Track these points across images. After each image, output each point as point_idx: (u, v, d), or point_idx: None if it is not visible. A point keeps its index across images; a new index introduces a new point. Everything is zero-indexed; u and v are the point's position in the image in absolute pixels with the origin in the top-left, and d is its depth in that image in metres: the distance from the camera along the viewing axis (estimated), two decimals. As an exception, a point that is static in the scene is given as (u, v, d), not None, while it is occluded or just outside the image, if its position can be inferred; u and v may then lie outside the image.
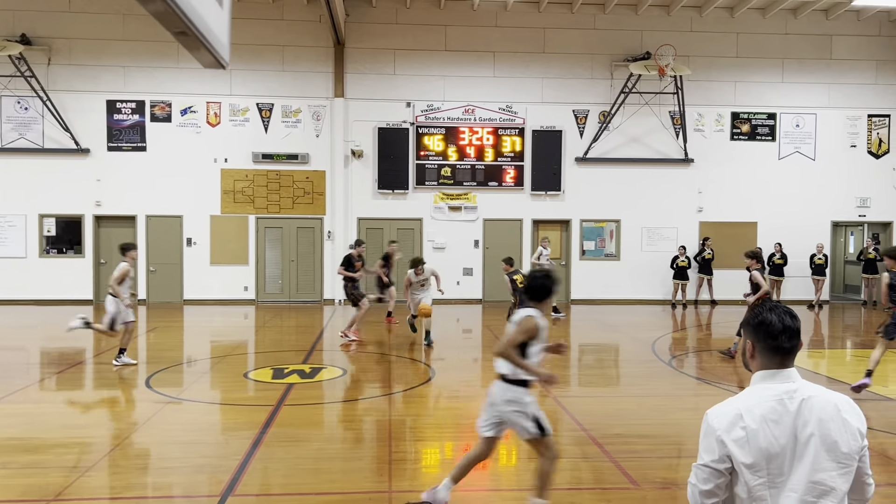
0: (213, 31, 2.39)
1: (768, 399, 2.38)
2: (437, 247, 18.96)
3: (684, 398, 9.23)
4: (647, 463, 6.34)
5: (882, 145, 19.74)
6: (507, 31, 18.87)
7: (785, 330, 2.42)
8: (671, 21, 19.01)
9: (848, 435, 2.34)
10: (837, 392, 2.45)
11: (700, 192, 19.33)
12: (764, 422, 2.34)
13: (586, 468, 6.27)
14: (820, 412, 2.35)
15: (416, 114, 18.77)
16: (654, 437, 7.20)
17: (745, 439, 2.34)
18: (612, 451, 6.62)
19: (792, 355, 2.44)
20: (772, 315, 2.45)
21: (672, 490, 5.73)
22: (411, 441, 7.15)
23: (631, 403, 8.81)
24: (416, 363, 11.04)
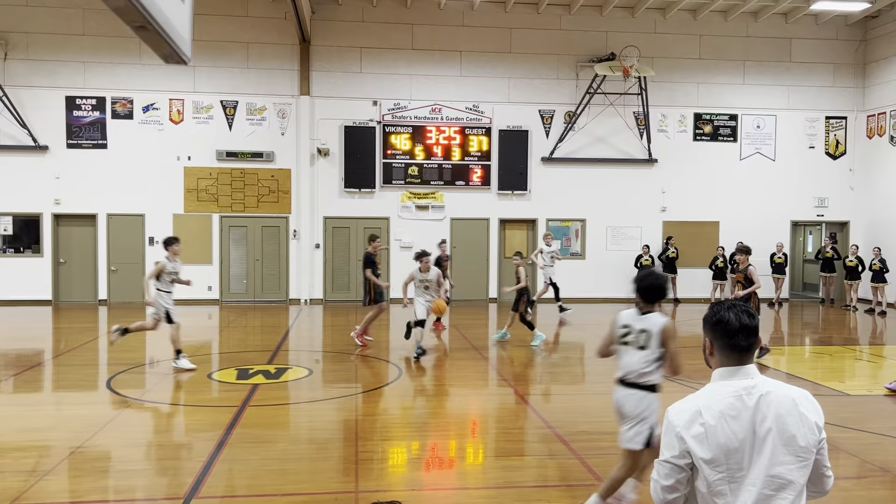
0: (173, 27, 2.36)
1: (727, 396, 2.42)
2: (404, 246, 18.93)
3: (648, 395, 9.35)
4: (611, 460, 6.40)
5: (839, 147, 20.22)
6: (473, 30, 18.91)
7: (742, 328, 2.46)
8: (635, 23, 19.23)
9: (805, 428, 2.38)
10: (796, 387, 2.49)
11: (664, 192, 19.59)
12: (722, 418, 2.38)
13: (553, 466, 6.32)
14: (778, 407, 2.39)
15: (382, 112, 18.71)
16: (618, 433, 7.28)
17: (704, 435, 2.38)
18: (577, 449, 6.69)
19: (750, 353, 2.48)
20: (729, 314, 2.49)
21: (636, 486, 5.80)
22: (378, 441, 7.13)
23: (596, 401, 8.90)
24: (382, 363, 11.02)
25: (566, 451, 6.65)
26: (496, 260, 19.33)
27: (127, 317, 16.10)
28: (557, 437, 7.10)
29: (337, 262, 18.94)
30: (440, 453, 6.80)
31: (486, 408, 8.63)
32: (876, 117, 19.61)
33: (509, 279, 19.53)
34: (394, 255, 18.96)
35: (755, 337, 2.49)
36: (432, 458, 6.68)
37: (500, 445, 7.10)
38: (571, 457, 6.47)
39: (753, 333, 2.48)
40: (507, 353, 11.90)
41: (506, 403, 8.65)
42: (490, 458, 6.68)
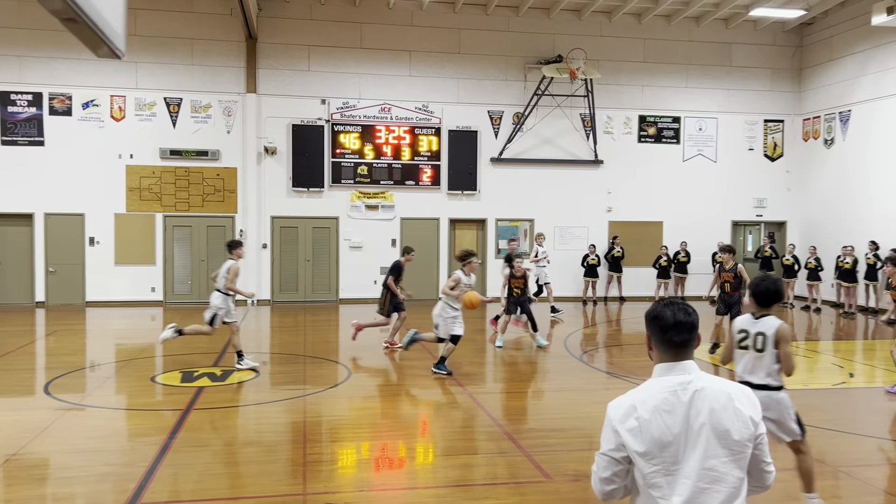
0: (105, 19, 2.28)
1: (662, 391, 2.47)
2: (353, 246, 18.82)
3: (595, 392, 9.50)
4: (559, 456, 6.50)
5: (777, 149, 20.89)
6: (423, 30, 18.92)
7: (676, 325, 2.51)
8: (582, 25, 19.52)
9: (740, 423, 2.42)
10: (734, 383, 2.54)
11: (609, 193, 19.93)
12: (657, 412, 2.44)
13: (502, 463, 6.37)
14: (712, 402, 2.43)
15: (331, 111, 18.56)
16: (566, 430, 7.39)
17: (638, 429, 2.44)
18: (525, 446, 6.75)
19: (685, 349, 2.52)
20: (666, 310, 2.54)
21: (583, 482, 5.89)
22: (327, 442, 7.08)
23: (544, 398, 9.02)
24: (331, 364, 10.93)
25: (514, 448, 6.71)
26: (446, 260, 19.37)
27: (66, 320, 15.60)
28: (506, 435, 7.15)
29: (285, 262, 18.70)
30: (390, 454, 6.78)
31: (435, 407, 8.65)
32: (811, 121, 20.33)
33: (459, 279, 19.61)
34: (343, 255, 18.83)
35: (690, 333, 2.52)
36: (382, 458, 6.67)
37: (450, 444, 7.12)
38: (520, 454, 6.54)
39: (688, 330, 2.51)
40: (458, 353, 11.93)
41: (456, 403, 8.68)
42: (440, 458, 6.70)
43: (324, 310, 17.61)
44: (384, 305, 12.13)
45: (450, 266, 19.42)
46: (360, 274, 18.78)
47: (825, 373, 10.69)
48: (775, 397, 5.02)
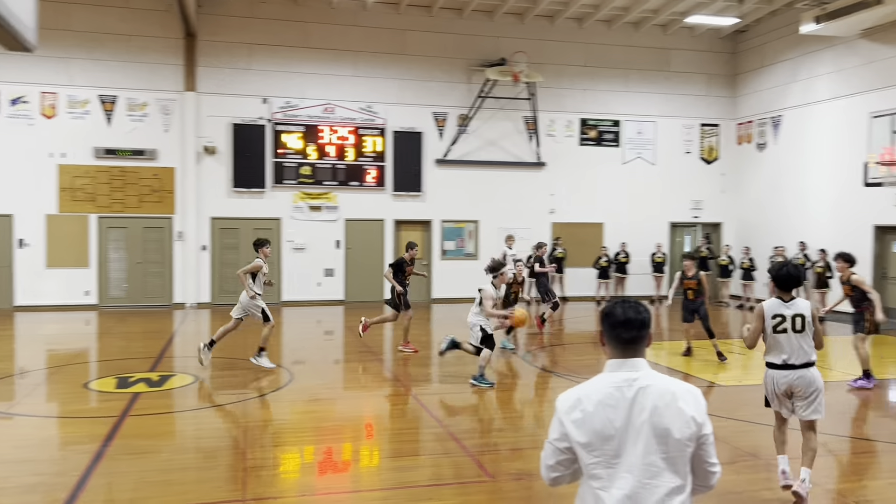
0: (11, 11, 2.20)
1: (608, 386, 2.53)
2: (296, 247, 18.58)
3: (537, 391, 9.61)
4: (502, 455, 6.54)
5: (712, 152, 21.51)
6: (367, 30, 18.82)
7: (625, 322, 2.56)
8: (525, 29, 19.73)
9: (681, 422, 2.47)
10: (683, 382, 2.58)
11: (552, 195, 20.19)
12: (600, 406, 2.50)
13: (446, 464, 6.37)
14: (656, 400, 2.49)
15: (273, 110, 18.29)
16: (510, 429, 7.45)
17: (582, 421, 2.51)
18: (469, 446, 6.77)
19: (634, 346, 2.57)
20: (617, 308, 2.60)
21: (526, 481, 5.94)
22: (269, 447, 6.97)
23: (489, 398, 9.05)
24: (273, 367, 10.75)
25: (458, 448, 6.72)
26: (391, 261, 19.26)
27: (-8, 325, 14.95)
28: (450, 435, 7.16)
29: (225, 264, 18.31)
30: (333, 457, 6.72)
31: (380, 410, 8.60)
32: (745, 125, 21.00)
33: (403, 280, 19.56)
34: (285, 257, 18.57)
35: (639, 331, 2.57)
36: (325, 462, 6.60)
37: (394, 446, 7.09)
38: (464, 454, 6.55)
39: (636, 327, 2.56)
40: (402, 355, 11.90)
41: (400, 404, 8.65)
42: (384, 460, 6.66)
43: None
44: (395, 301, 11.86)
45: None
46: (303, 276, 18.55)
47: (758, 369, 11.03)
48: (813, 374, 5.36)
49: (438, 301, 19.38)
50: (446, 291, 19.40)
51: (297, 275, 18.54)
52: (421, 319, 16.41)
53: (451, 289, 19.46)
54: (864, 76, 16.76)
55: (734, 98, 21.35)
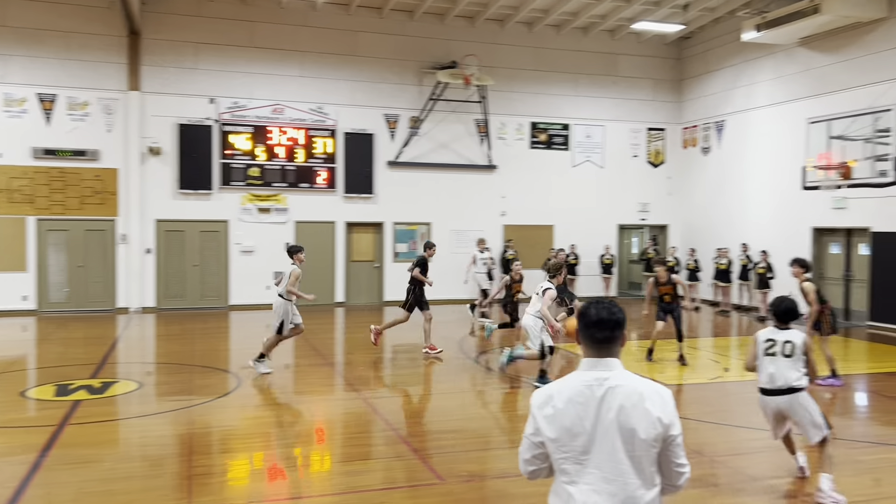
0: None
1: (579, 384, 2.59)
2: (245, 250, 18.27)
3: (488, 393, 9.64)
4: (452, 457, 6.54)
5: (659, 156, 21.95)
6: (316, 31, 18.64)
7: (598, 322, 2.60)
8: (476, 32, 19.81)
9: (647, 423, 2.51)
10: (653, 383, 2.61)
11: (503, 197, 20.31)
12: (570, 403, 2.56)
13: (396, 468, 6.34)
14: (623, 400, 2.53)
15: (220, 111, 17.96)
16: (460, 431, 7.45)
17: (553, 416, 2.58)
18: (420, 449, 6.75)
19: (607, 345, 2.61)
20: (591, 308, 2.65)
21: (476, 482, 5.95)
22: (216, 454, 6.83)
23: (438, 401, 9.05)
24: (221, 373, 10.55)
25: (409, 451, 6.70)
26: (343, 264, 19.15)
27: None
28: (400, 438, 7.13)
29: (170, 267, 17.91)
30: (283, 463, 6.62)
31: (330, 414, 8.51)
32: (690, 129, 21.49)
33: (356, 283, 19.44)
34: (233, 260, 18.25)
35: (611, 332, 2.60)
36: (275, 468, 6.49)
37: (345, 451, 7.03)
38: (414, 458, 6.53)
39: (609, 328, 2.60)
40: (353, 358, 11.81)
41: (350, 408, 8.57)
42: (335, 465, 6.60)
43: (213, 317, 17.01)
44: (406, 301, 11.87)
45: (347, 270, 19.20)
46: (252, 279, 18.24)
47: (702, 368, 11.30)
48: (799, 399, 5.63)
49: (391, 304, 19.28)
50: (399, 294, 19.25)
51: (246, 278, 18.23)
52: (373, 321, 16.32)
53: (403, 291, 19.31)
54: (802, 83, 17.33)
55: (679, 103, 21.83)
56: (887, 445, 7.05)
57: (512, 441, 7.32)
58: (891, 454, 6.76)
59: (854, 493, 5.74)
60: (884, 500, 5.64)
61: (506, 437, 7.46)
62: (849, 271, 16.63)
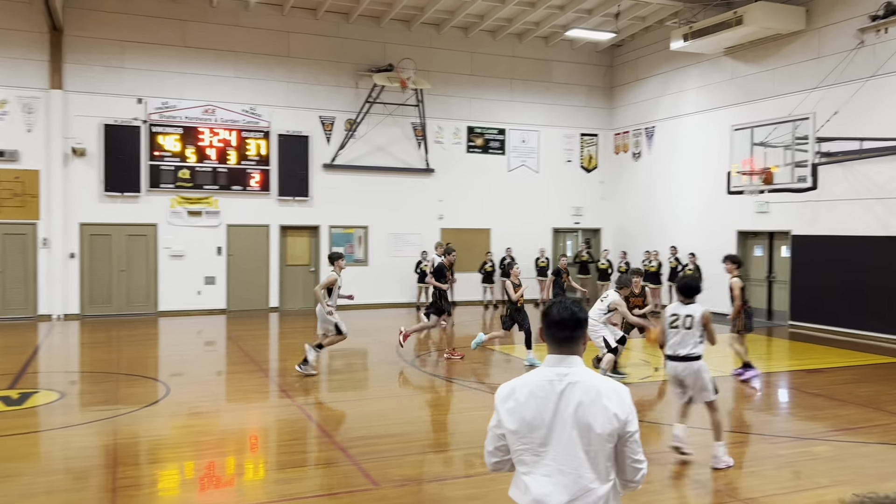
0: None
1: (540, 379, 2.69)
2: (174, 254, 17.78)
3: (426, 396, 9.64)
4: (388, 462, 6.51)
5: (592, 161, 22.41)
6: (249, 31, 18.31)
7: (558, 322, 2.70)
8: (412, 36, 19.83)
9: (603, 418, 2.59)
10: (612, 381, 2.71)
11: (441, 201, 20.37)
12: (531, 397, 2.66)
13: (331, 474, 6.27)
14: (582, 395, 2.61)
15: (149, 111, 17.44)
16: (397, 436, 7.42)
17: (514, 409, 2.68)
18: (354, 454, 6.69)
19: (568, 344, 2.71)
20: (553, 308, 2.75)
21: (410, 486, 5.93)
22: (144, 464, 6.61)
23: (375, 405, 9.00)
24: (149, 381, 10.23)
25: (344, 457, 6.63)
26: (277, 268, 18.84)
27: None
28: (335, 444, 7.06)
29: (96, 272, 17.27)
30: (215, 472, 6.46)
31: (264, 421, 8.35)
32: (621, 135, 22.02)
33: (291, 288, 19.16)
34: (162, 265, 17.73)
35: (571, 331, 2.70)
36: (207, 477, 6.33)
37: (279, 458, 6.91)
38: (349, 463, 6.47)
39: (569, 328, 2.70)
40: (288, 364, 11.62)
41: (284, 415, 8.43)
42: (269, 472, 6.48)
43: (141, 323, 16.49)
44: (435, 308, 11.99)
45: (281, 275, 18.89)
46: (182, 284, 17.78)
47: (634, 368, 11.55)
48: (695, 366, 6.44)
49: (326, 308, 19.06)
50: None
51: (176, 283, 17.74)
52: (308, 327, 16.13)
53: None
54: (727, 91, 17.98)
55: (611, 109, 22.34)
56: (806, 440, 7.36)
57: (448, 444, 7.33)
58: (809, 448, 7.06)
59: (775, 486, 5.97)
60: (803, 492, 5.88)
61: (442, 441, 7.47)
62: (771, 273, 17.34)
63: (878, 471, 6.42)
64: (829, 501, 5.59)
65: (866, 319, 14.41)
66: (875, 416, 8.36)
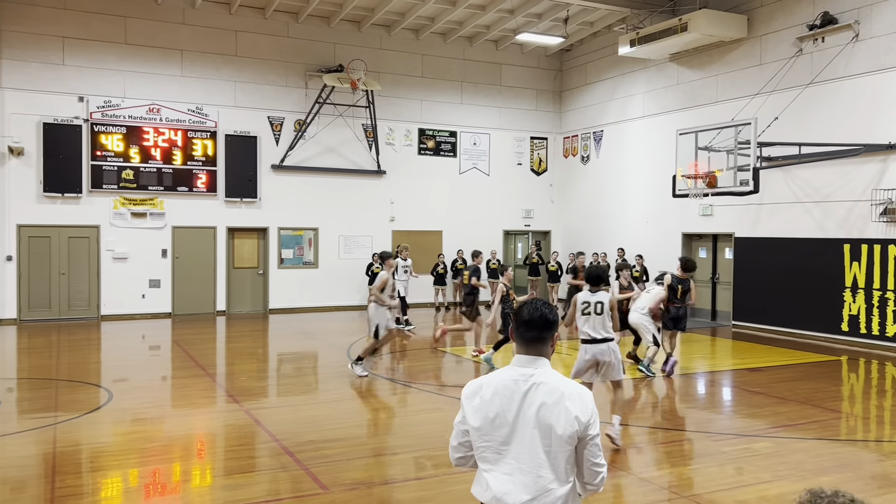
0: None
1: (506, 378, 2.72)
2: (118, 257, 17.30)
3: (374, 399, 9.58)
4: (338, 466, 6.45)
5: (541, 164, 22.64)
6: (196, 29, 17.96)
7: (527, 322, 2.73)
8: (362, 37, 19.73)
9: (564, 420, 2.61)
10: (575, 384, 2.72)
11: (392, 203, 20.31)
12: (496, 395, 2.70)
13: (280, 479, 6.17)
14: (545, 397, 2.64)
15: (90, 110, 16.95)
16: (346, 439, 7.36)
17: (479, 406, 2.72)
18: (303, 459, 6.61)
19: (536, 344, 2.73)
20: (524, 309, 2.78)
21: (360, 490, 5.89)
22: (85, 473, 6.41)
23: (325, 409, 8.91)
24: (91, 387, 9.93)
25: (293, 462, 6.54)
26: (224, 270, 18.49)
27: None
28: (284, 449, 6.96)
29: (35, 276, 16.69)
30: (161, 479, 6.30)
31: (211, 427, 8.18)
32: (570, 139, 22.30)
33: (239, 291, 18.84)
34: (105, 268, 17.24)
35: (540, 332, 2.73)
36: (152, 485, 6.17)
37: (227, 464, 6.78)
38: (298, 468, 6.38)
39: (538, 328, 2.72)
40: (235, 369, 11.42)
41: (232, 421, 8.27)
42: (216, 478, 6.35)
43: (83, 328, 16.00)
44: (468, 308, 12.25)
45: (228, 277, 18.56)
46: (125, 288, 17.32)
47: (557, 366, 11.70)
48: (612, 346, 7.29)
49: (276, 311, 18.84)
50: (284, 301, 18.93)
51: (119, 286, 17.27)
52: (256, 330, 15.89)
53: (289, 298, 19.02)
54: (673, 96, 18.39)
55: (560, 113, 22.61)
56: (748, 437, 7.56)
57: (398, 447, 7.30)
58: (751, 444, 7.26)
59: (718, 482, 6.11)
60: (745, 487, 6.03)
61: (392, 444, 7.44)
62: (715, 274, 17.78)
63: (816, 465, 6.64)
64: (771, 496, 5.75)
65: (806, 319, 14.90)
66: (813, 413, 8.64)
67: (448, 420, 8.14)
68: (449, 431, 2.88)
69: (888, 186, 13.40)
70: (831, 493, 1.95)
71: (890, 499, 5.81)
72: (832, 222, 14.52)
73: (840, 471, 6.47)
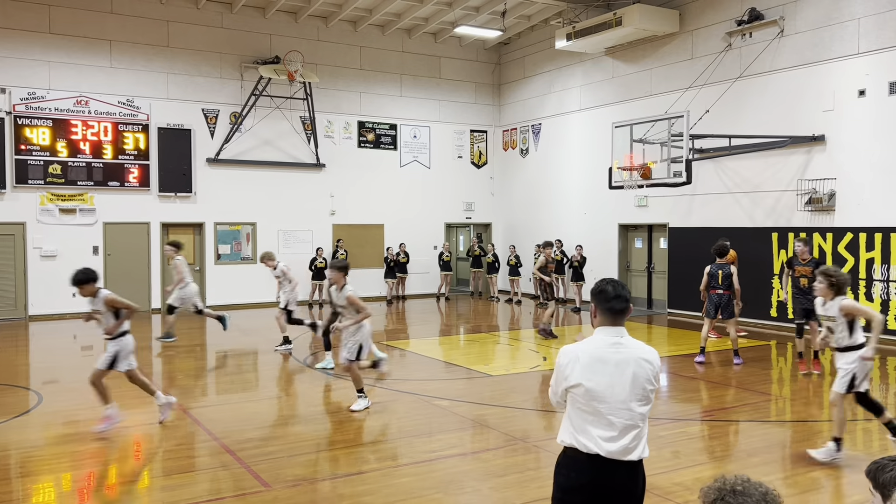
0: None
1: (600, 345, 3.29)
2: (46, 255, 16.66)
3: (317, 395, 9.51)
4: (279, 463, 6.38)
5: (482, 157, 22.78)
6: (125, 19, 17.37)
7: (616, 297, 3.31)
8: (299, 28, 19.44)
9: (647, 377, 3.27)
10: (649, 347, 3.34)
11: (332, 196, 20.11)
12: (593, 359, 3.25)
13: (221, 478, 6.07)
14: (636, 358, 3.26)
15: (13, 102, 16.23)
16: (287, 436, 7.29)
17: (581, 368, 3.24)
18: (244, 457, 6.52)
19: (622, 315, 3.32)
20: (608, 287, 3.34)
21: (303, 486, 5.84)
22: (14, 479, 6.17)
23: (265, 406, 8.80)
24: (18, 390, 9.55)
25: (233, 461, 6.44)
26: (158, 267, 18.01)
27: None
28: (223, 447, 6.84)
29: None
30: (96, 482, 6.11)
31: (148, 427, 7.97)
32: (510, 132, 22.50)
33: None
34: (32, 266, 16.57)
35: (626, 303, 3.33)
36: (87, 488, 5.98)
37: (165, 465, 6.63)
38: (239, 466, 6.29)
39: (625, 300, 3.33)
40: (173, 367, 11.14)
41: (170, 420, 8.08)
42: (154, 479, 6.20)
43: (8, 329, 15.37)
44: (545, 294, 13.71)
45: (163, 274, 18.08)
46: (54, 287, 16.66)
47: (524, 359, 11.88)
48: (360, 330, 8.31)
49: (216, 307, 18.41)
50: (222, 298, 18.54)
51: (47, 285, 16.63)
52: (193, 328, 15.54)
53: (226, 295, 18.63)
54: (608, 90, 18.73)
55: (499, 106, 22.78)
56: (684, 420, 7.80)
57: (340, 441, 7.26)
58: (687, 428, 7.49)
59: (657, 466, 6.29)
60: (682, 469, 6.22)
61: (334, 439, 7.39)
62: (651, 263, 18.23)
63: (748, 446, 6.89)
64: (706, 477, 5.95)
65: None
66: (745, 396, 8.97)
67: (388, 414, 8.12)
68: (389, 426, 2.89)
69: (812, 177, 13.98)
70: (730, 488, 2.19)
71: (815, 476, 6.09)
72: (761, 212, 15.05)
73: (769, 451, 6.74)
